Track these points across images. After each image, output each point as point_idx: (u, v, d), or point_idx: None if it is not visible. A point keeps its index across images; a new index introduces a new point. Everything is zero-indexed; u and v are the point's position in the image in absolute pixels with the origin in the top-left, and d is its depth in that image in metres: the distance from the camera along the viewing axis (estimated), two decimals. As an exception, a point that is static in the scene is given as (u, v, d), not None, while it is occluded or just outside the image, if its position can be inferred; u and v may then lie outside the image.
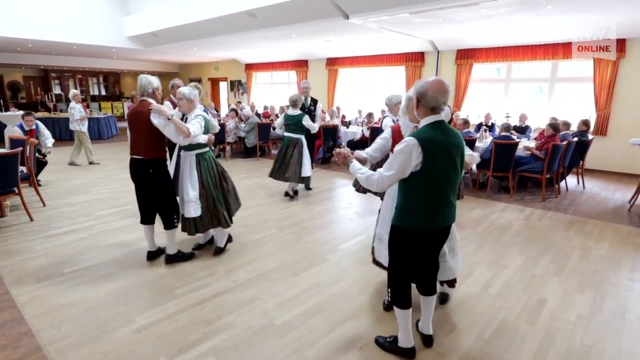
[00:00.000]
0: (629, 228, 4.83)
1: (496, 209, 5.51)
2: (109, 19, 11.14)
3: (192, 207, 3.54)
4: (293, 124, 5.68)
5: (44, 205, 5.34)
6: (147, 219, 3.61)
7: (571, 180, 7.12)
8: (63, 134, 12.40)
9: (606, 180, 7.55)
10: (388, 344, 2.48)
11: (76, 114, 8.11)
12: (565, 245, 4.26)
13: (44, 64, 15.29)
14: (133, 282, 3.31)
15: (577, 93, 8.88)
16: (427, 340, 2.51)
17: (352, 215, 5.24)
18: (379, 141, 2.74)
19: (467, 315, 2.87)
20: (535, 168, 6.00)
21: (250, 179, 7.17)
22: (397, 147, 2.04)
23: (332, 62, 12.39)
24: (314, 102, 6.41)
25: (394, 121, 3.80)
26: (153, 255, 3.73)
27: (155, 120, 3.20)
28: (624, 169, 7.97)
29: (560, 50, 8.27)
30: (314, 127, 5.78)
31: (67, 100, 16.91)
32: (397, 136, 2.66)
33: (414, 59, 10.52)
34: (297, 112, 5.66)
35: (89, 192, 6.11)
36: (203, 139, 3.52)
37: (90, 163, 8.51)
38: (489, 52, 9.28)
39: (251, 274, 3.47)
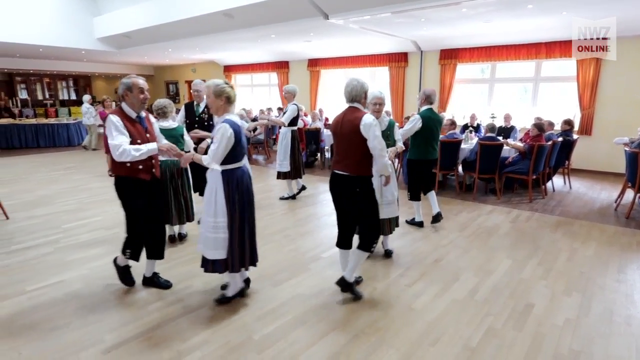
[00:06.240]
0: (615, 228, 4.95)
1: (483, 212, 5.57)
2: (77, 19, 10.93)
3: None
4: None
5: (7, 218, 5.16)
6: (345, 243, 3.23)
7: (558, 181, 7.28)
8: (30, 141, 12.06)
9: (592, 179, 7.75)
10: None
11: (93, 112, 11.06)
12: (552, 247, 4.33)
13: (8, 67, 14.90)
14: (102, 298, 3.21)
15: (562, 93, 9.11)
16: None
17: (336, 221, 5.21)
18: None
19: (453, 324, 2.87)
20: (521, 169, 6.10)
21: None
22: None
23: (314, 63, 12.42)
24: (208, 107, 4.62)
25: None
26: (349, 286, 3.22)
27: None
28: (610, 168, 8.19)
29: (543, 49, 8.48)
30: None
31: (34, 106, 16.62)
32: None
33: (398, 60, 10.63)
34: (172, 124, 4.08)
35: (54, 204, 5.94)
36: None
37: (93, 149, 11.42)
38: (473, 52, 9.44)
39: (229, 286, 3.40)
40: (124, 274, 3.36)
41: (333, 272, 3.68)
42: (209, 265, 3.02)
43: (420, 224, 4.88)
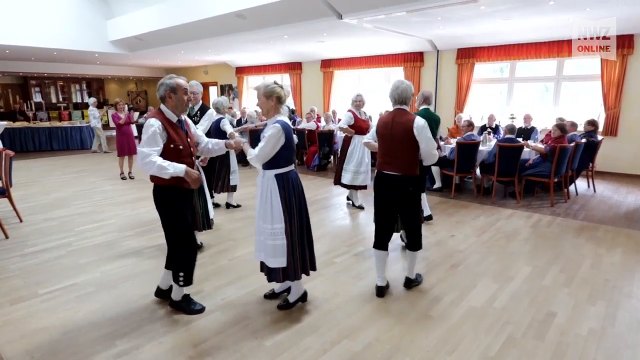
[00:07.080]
0: (642, 234, 4.82)
1: (502, 216, 5.49)
2: (91, 22, 11.17)
3: None
4: None
5: (21, 221, 5.28)
6: (383, 244, 3.34)
7: (581, 184, 7.13)
8: (44, 145, 12.34)
9: (618, 182, 7.56)
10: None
11: (97, 114, 11.67)
12: (575, 253, 4.23)
13: (23, 71, 15.30)
14: (114, 302, 3.26)
15: (585, 92, 8.93)
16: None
17: (349, 225, 5.21)
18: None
19: (471, 332, 2.82)
20: (542, 172, 5.99)
21: (242, 188, 7.13)
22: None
23: (327, 64, 12.44)
24: (202, 110, 4.86)
25: None
26: (384, 291, 3.36)
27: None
28: (637, 171, 7.99)
29: (566, 47, 8.32)
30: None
31: (48, 109, 17.05)
32: None
33: (413, 59, 10.57)
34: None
35: (69, 206, 6.07)
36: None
37: (105, 152, 11.73)
38: (491, 50, 9.33)
39: (241, 291, 3.42)
40: (188, 304, 3.09)
41: (346, 278, 3.67)
42: (272, 273, 3.00)
43: (429, 218, 5.13)
